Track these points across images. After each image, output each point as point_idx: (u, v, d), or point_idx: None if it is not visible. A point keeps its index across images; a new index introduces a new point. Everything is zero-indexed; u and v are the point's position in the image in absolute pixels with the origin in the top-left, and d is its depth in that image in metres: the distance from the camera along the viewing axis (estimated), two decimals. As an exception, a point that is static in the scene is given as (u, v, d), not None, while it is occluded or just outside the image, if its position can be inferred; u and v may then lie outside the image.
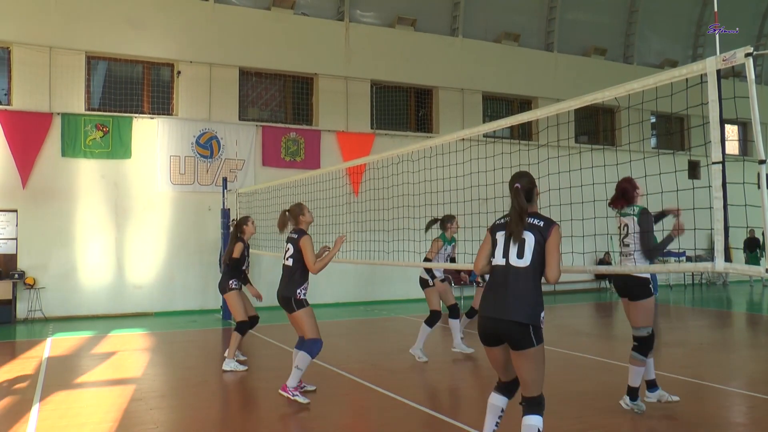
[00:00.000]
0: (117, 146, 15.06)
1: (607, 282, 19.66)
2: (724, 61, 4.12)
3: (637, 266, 5.78)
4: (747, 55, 3.99)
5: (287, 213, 7.07)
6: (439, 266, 8.87)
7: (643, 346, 5.94)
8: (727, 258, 4.26)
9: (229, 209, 14.22)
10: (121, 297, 14.73)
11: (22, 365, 9.04)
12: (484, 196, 8.02)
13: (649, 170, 5.81)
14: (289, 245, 6.90)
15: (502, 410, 4.46)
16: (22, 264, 14.16)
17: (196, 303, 15.22)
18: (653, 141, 22.10)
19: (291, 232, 7.00)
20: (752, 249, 19.62)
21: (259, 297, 8.99)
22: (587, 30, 20.87)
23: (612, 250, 13.22)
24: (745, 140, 22.86)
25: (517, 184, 4.31)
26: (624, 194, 6.12)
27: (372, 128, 17.59)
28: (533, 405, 4.19)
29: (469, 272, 11.73)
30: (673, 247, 6.78)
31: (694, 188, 5.13)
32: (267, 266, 15.32)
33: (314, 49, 16.93)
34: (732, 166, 4.53)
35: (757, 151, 4.00)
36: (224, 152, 16.03)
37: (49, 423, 6.07)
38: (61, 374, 8.38)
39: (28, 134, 14.26)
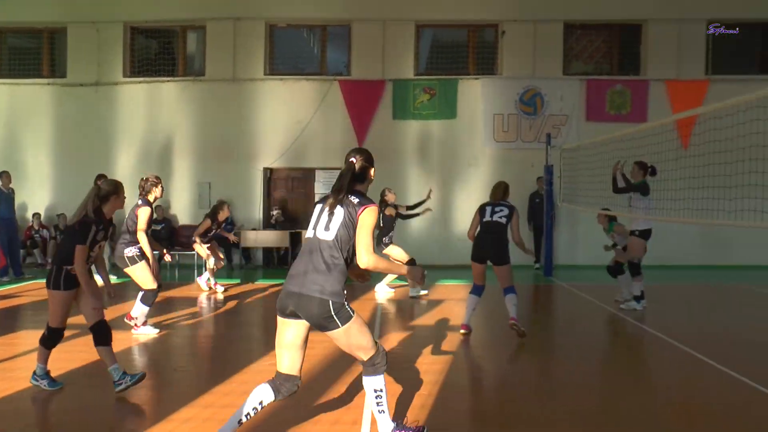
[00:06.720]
0: (443, 107, 15.92)
1: None
2: None
3: None
4: None
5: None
6: None
7: None
8: None
9: (552, 165, 14.12)
10: (447, 249, 15.58)
11: (360, 306, 9.81)
12: None
13: None
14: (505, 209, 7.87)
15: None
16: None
17: (517, 258, 15.36)
18: None
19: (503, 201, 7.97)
20: None
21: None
22: None
23: None
24: None
25: (351, 159, 4.15)
26: None
27: (707, 74, 15.94)
28: (367, 366, 4.08)
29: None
30: None
31: None
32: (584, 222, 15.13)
33: (641, -7, 15.84)
34: None
35: None
36: (547, 108, 15.93)
37: (392, 356, 6.67)
38: (394, 317, 9.16)
39: (364, 100, 15.86)
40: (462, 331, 7.90)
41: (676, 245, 15.00)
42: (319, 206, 4.16)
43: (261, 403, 4.02)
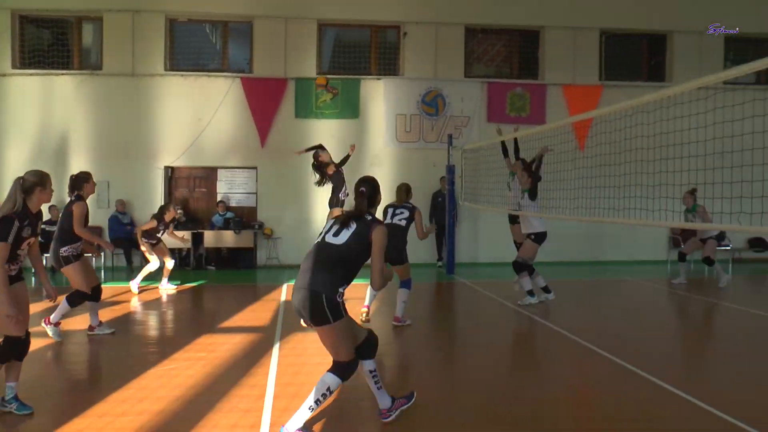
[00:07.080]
0: (345, 107, 15.95)
1: None
2: None
3: None
4: None
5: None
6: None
7: None
8: None
9: (454, 165, 14.40)
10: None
11: (264, 307, 10.02)
12: (728, 149, 7.36)
13: None
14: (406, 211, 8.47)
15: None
16: (261, 216, 15.91)
17: (420, 257, 15.62)
18: None
19: (406, 202, 8.60)
20: None
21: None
22: None
23: None
24: None
25: (362, 188, 4.73)
26: None
27: (600, 80, 16.71)
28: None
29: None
30: None
31: None
32: (484, 221, 15.68)
33: (540, 0, 16.39)
34: None
35: None
36: (449, 109, 16.22)
37: (289, 360, 6.63)
38: (297, 318, 9.09)
39: (266, 98, 15.68)
40: (363, 309, 8.59)
41: (567, 242, 15.60)
42: (331, 221, 4.68)
43: (329, 389, 4.46)
